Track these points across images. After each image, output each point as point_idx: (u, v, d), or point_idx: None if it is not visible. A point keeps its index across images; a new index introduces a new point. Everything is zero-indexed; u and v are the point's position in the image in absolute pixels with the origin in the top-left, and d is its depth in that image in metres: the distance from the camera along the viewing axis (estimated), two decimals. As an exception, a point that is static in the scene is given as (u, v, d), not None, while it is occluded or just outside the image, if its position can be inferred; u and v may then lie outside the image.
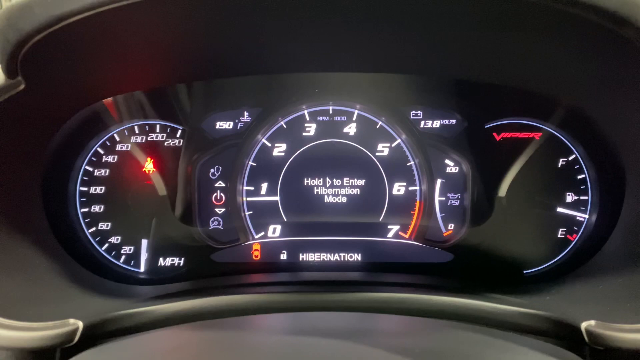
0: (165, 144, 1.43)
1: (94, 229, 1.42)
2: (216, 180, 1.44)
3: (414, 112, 1.43)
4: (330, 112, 1.44)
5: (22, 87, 0.94)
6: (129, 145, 1.42)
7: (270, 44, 1.11)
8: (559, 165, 1.41)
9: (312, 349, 0.83)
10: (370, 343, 0.83)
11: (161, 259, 1.43)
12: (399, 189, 1.44)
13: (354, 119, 1.44)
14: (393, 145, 1.44)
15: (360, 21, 0.99)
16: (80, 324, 0.98)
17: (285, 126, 1.43)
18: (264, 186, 1.44)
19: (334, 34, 1.07)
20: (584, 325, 0.98)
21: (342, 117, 1.44)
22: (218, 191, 1.44)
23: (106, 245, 1.42)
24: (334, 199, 1.44)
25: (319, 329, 0.96)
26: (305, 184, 1.44)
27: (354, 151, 1.44)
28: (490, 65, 1.23)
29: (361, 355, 0.79)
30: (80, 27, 0.84)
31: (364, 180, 1.44)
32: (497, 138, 1.41)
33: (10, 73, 0.90)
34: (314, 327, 0.98)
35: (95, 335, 1.01)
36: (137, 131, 1.42)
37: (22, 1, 0.79)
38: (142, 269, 1.43)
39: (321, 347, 0.83)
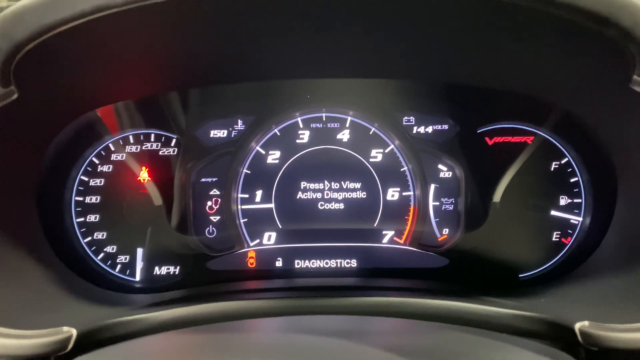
0: (160, 153, 1.43)
1: (89, 238, 1.42)
2: (211, 189, 1.45)
3: (406, 117, 1.44)
4: (324, 119, 1.45)
5: (15, 96, 0.94)
6: (124, 154, 1.42)
7: (262, 50, 1.12)
8: (552, 169, 1.42)
9: (306, 349, 0.83)
10: (363, 342, 0.83)
11: (157, 268, 1.43)
12: (393, 194, 1.45)
13: (347, 125, 1.45)
14: (386, 151, 1.44)
15: (351, 26, 1.01)
16: (74, 332, 0.98)
17: (278, 133, 1.44)
18: (259, 194, 1.45)
19: (326, 39, 1.09)
20: (577, 326, 0.98)
21: (336, 124, 1.45)
22: (213, 199, 1.45)
23: (102, 254, 1.42)
24: (329, 206, 1.45)
25: (312, 330, 0.96)
26: (300, 191, 1.45)
27: (347, 157, 1.45)
28: (481, 68, 1.24)
29: (354, 354, 0.79)
30: (73, 35, 0.85)
31: (358, 186, 1.45)
32: (490, 142, 1.42)
33: (3, 82, 0.91)
34: (308, 328, 0.98)
35: (89, 342, 1.01)
36: (131, 140, 1.43)
37: (14, 9, 0.80)
38: (137, 277, 1.43)
39: (315, 347, 0.83)
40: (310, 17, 0.96)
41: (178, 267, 1.44)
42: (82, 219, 1.42)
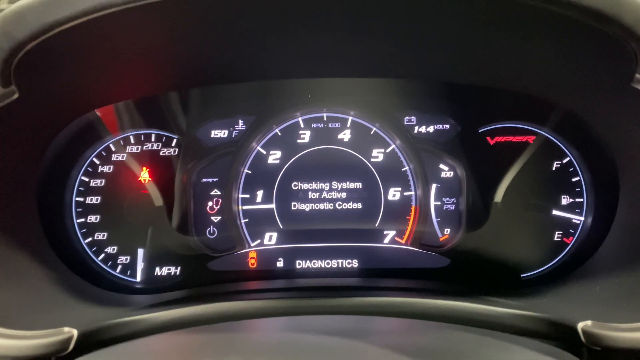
0: (161, 153, 1.43)
1: (90, 239, 1.42)
2: (212, 189, 1.44)
3: (407, 117, 1.44)
4: (325, 119, 1.45)
5: (15, 96, 0.94)
6: (125, 155, 1.42)
7: (262, 50, 1.12)
8: (554, 168, 1.42)
9: (307, 349, 0.82)
10: (364, 342, 0.83)
11: (157, 269, 1.43)
12: (394, 194, 1.45)
13: (348, 125, 1.45)
14: (387, 150, 1.44)
15: (352, 25, 1.01)
16: (75, 332, 0.97)
17: (279, 133, 1.44)
18: (260, 194, 1.45)
19: (327, 39, 1.08)
20: (580, 325, 0.98)
21: (337, 124, 1.45)
22: (214, 200, 1.45)
23: (102, 255, 1.42)
24: (330, 206, 1.45)
25: (314, 329, 0.95)
26: (301, 191, 1.45)
27: (348, 157, 1.44)
28: (483, 68, 1.23)
29: (356, 354, 0.79)
30: (74, 35, 0.85)
31: (359, 186, 1.45)
32: (491, 142, 1.42)
33: (3, 82, 0.90)
34: (308, 328, 0.98)
35: (90, 343, 1.00)
36: (132, 141, 1.43)
37: (14, 9, 0.80)
38: (138, 278, 1.43)
39: (316, 347, 0.83)
40: (310, 16, 0.96)
41: (179, 268, 1.43)
42: (82, 220, 1.41)
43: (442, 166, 1.45)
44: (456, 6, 0.87)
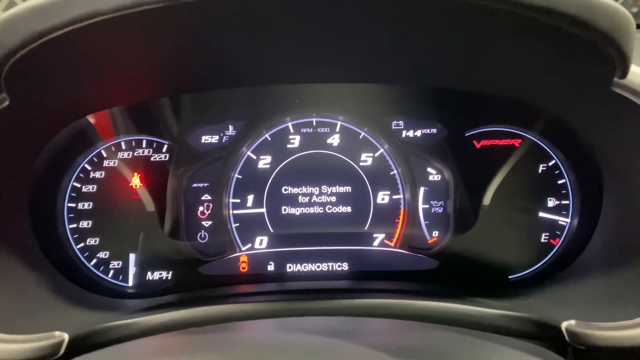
0: (152, 159, 1.44)
1: (82, 244, 1.43)
2: (202, 194, 1.46)
3: (395, 122, 1.46)
4: (314, 124, 1.46)
5: (6, 103, 0.95)
6: (116, 161, 1.43)
7: (252, 56, 1.13)
8: (540, 171, 1.44)
9: (293, 348, 0.83)
10: (351, 342, 0.84)
11: (149, 273, 1.44)
12: (383, 197, 1.46)
13: (337, 130, 1.46)
14: (376, 155, 1.46)
15: (340, 32, 1.02)
16: (66, 336, 0.98)
17: (269, 138, 1.46)
18: (250, 198, 1.46)
19: (315, 45, 1.10)
20: (564, 325, 0.99)
21: (326, 129, 1.46)
22: (204, 204, 1.46)
23: (94, 260, 1.43)
24: (320, 210, 1.46)
25: (301, 328, 0.96)
26: (291, 195, 1.46)
27: (338, 162, 1.46)
28: (468, 73, 1.25)
29: (343, 354, 0.80)
30: (64, 43, 0.86)
31: (348, 190, 1.46)
32: (477, 146, 1.44)
33: (-6, 89, 0.92)
34: (295, 327, 0.99)
35: (81, 347, 1.01)
36: (123, 147, 1.44)
37: (4, 17, 0.81)
38: (130, 283, 1.44)
39: (302, 347, 0.84)
40: (299, 23, 0.98)
41: (170, 272, 1.44)
42: (74, 225, 1.42)
43: (429, 170, 1.46)
44: (440, 14, 0.89)
